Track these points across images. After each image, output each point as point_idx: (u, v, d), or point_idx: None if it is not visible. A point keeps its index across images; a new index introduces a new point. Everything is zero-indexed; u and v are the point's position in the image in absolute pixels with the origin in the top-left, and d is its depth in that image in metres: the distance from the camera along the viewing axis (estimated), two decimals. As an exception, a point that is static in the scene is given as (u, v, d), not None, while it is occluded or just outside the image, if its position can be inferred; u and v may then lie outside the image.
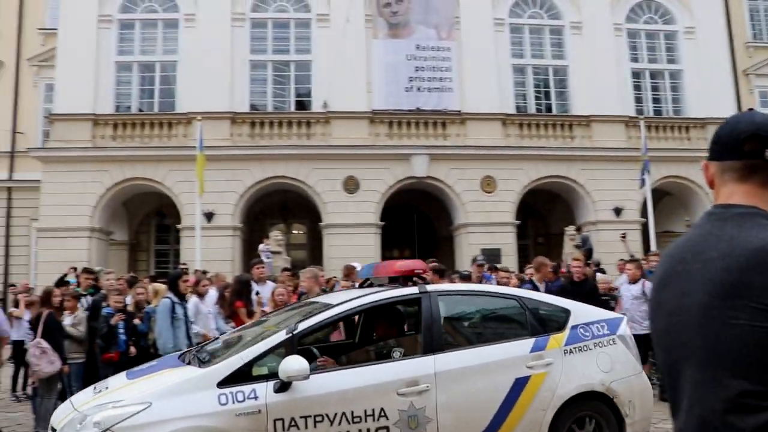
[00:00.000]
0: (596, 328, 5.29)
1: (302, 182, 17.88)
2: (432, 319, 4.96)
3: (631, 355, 5.37)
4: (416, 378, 4.68)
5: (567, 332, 5.20)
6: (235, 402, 4.30)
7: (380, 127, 18.48)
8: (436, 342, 4.92)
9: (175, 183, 17.57)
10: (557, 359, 5.04)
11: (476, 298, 5.79)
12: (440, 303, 5.11)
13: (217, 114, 17.65)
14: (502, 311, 5.64)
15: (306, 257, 20.28)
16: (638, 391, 5.27)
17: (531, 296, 5.64)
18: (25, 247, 20.20)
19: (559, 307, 5.45)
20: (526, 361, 4.98)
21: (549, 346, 5.08)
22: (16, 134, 20.42)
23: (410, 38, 19.18)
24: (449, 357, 4.86)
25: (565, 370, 5.04)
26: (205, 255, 15.26)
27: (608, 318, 5.51)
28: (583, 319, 5.33)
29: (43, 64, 20.65)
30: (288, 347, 4.55)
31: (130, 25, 19.02)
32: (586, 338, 5.20)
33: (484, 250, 17.66)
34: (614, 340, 5.32)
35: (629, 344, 5.40)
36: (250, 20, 18.94)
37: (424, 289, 5.15)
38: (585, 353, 5.15)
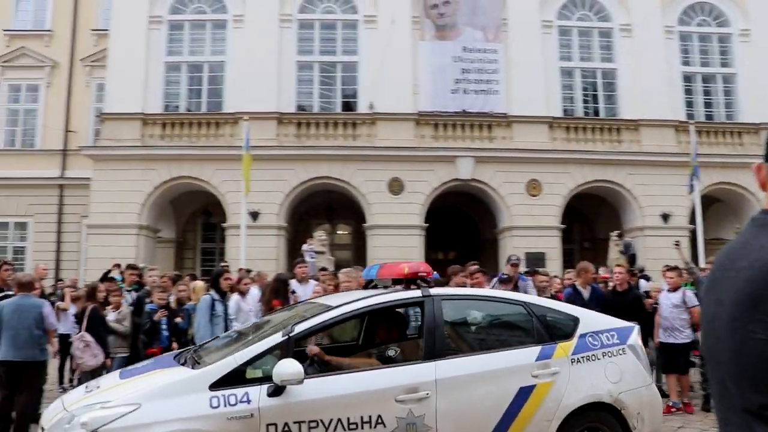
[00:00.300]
0: (606, 337, 5.12)
1: (347, 183, 17.88)
2: (435, 324, 4.80)
3: (641, 366, 5.19)
4: (416, 385, 4.52)
5: (575, 341, 5.02)
6: (227, 405, 4.17)
7: (426, 128, 18.38)
8: (438, 348, 4.76)
9: (221, 182, 17.73)
10: (564, 368, 4.86)
11: (482, 303, 5.59)
12: (444, 307, 4.96)
13: (263, 114, 17.75)
14: (508, 317, 5.48)
15: (350, 258, 20.28)
16: (647, 403, 5.08)
17: (538, 302, 5.46)
18: (76, 243, 20.60)
19: (567, 315, 5.27)
20: (531, 369, 4.81)
21: (556, 354, 4.91)
22: (69, 133, 20.83)
23: (457, 40, 19.04)
24: (451, 364, 4.70)
25: (572, 379, 4.86)
26: (249, 254, 15.34)
27: (619, 327, 5.32)
28: (592, 327, 5.16)
29: (95, 65, 21.07)
30: (284, 350, 4.40)
31: (179, 26, 19.26)
32: (594, 347, 5.03)
33: (528, 254, 17.48)
34: (624, 350, 5.13)
35: (639, 355, 5.22)
36: (298, 21, 19.02)
37: (427, 292, 4.97)
38: (593, 363, 4.98)
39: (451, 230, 20.35)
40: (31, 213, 20.88)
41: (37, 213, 20.83)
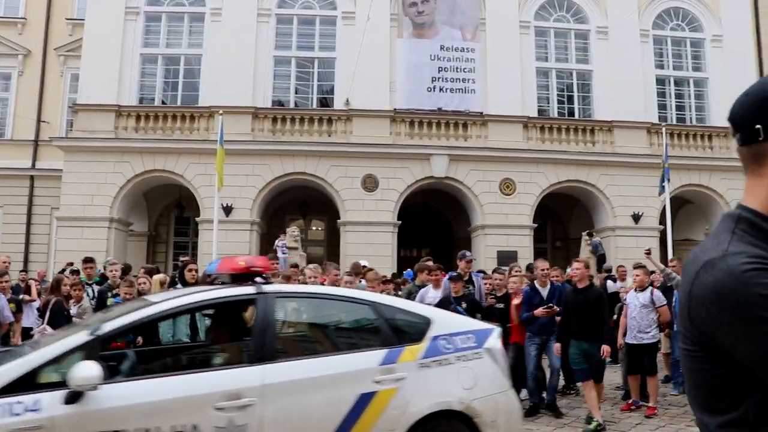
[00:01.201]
0: (461, 340, 4.78)
1: (322, 179, 17.83)
2: (266, 324, 4.38)
3: (499, 371, 4.88)
4: (239, 390, 4.08)
5: (426, 344, 4.67)
6: (11, 415, 3.58)
7: (401, 126, 18.39)
8: (268, 350, 4.32)
9: (195, 176, 17.59)
10: (411, 373, 4.52)
11: (324, 302, 5.16)
12: (279, 306, 4.61)
13: (239, 108, 17.65)
14: (353, 318, 5.10)
15: (324, 254, 20.24)
16: (504, 409, 4.79)
17: (388, 303, 5.05)
18: (46, 235, 20.29)
19: (419, 316, 4.94)
20: (373, 374, 4.43)
21: (402, 358, 4.56)
22: (41, 123, 20.50)
23: (435, 38, 19.07)
24: (282, 367, 4.29)
25: (420, 385, 4.51)
26: (222, 248, 15.21)
27: (477, 329, 5.00)
28: (446, 329, 4.81)
29: (69, 54, 20.74)
30: (90, 350, 3.89)
31: (156, 18, 19.06)
32: (447, 351, 4.68)
33: (500, 252, 17.64)
34: (480, 354, 4.81)
35: (498, 358, 4.91)
36: (276, 16, 18.92)
37: (261, 289, 4.56)
38: (444, 367, 4.64)
39: (425, 228, 20.40)
40: (0, 204, 20.50)
41: (6, 204, 20.46)
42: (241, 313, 5.38)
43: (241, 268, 4.75)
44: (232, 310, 5.26)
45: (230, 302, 4.88)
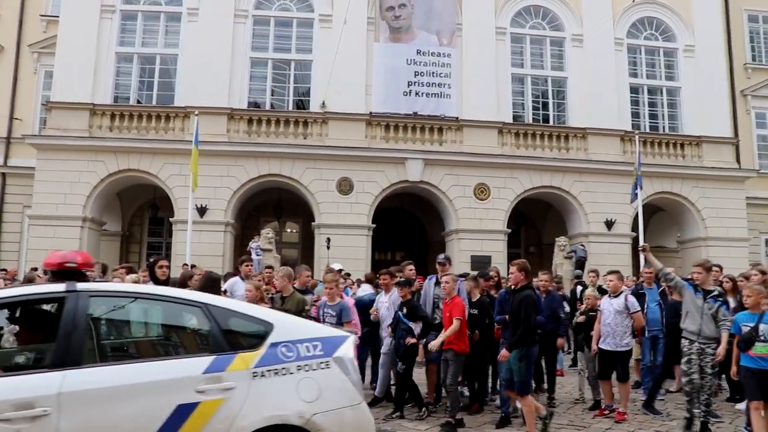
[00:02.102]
0: (305, 348, 4.38)
1: (297, 181, 17.84)
2: (73, 325, 3.93)
3: (349, 382, 4.44)
4: (31, 399, 3.62)
5: (262, 351, 4.26)
6: None
7: (377, 129, 18.44)
8: (73, 354, 3.86)
9: (169, 176, 17.50)
10: (241, 383, 4.11)
11: (147, 302, 4.63)
12: (92, 306, 4.13)
13: (214, 109, 17.59)
14: (180, 321, 4.63)
15: (298, 256, 20.25)
16: (352, 425, 4.39)
17: (223, 305, 4.56)
18: (17, 233, 20.06)
19: (258, 320, 4.49)
20: (196, 383, 4.01)
21: (232, 366, 4.14)
22: (13, 120, 20.24)
23: (411, 43, 19.16)
24: (86, 374, 3.82)
25: (252, 397, 4.10)
26: (196, 249, 15.23)
27: (326, 336, 4.58)
28: (289, 336, 4.41)
29: (43, 51, 20.54)
30: None
31: (132, 17, 18.95)
32: (287, 359, 4.29)
33: (474, 257, 17.74)
34: (328, 364, 4.39)
35: (349, 369, 4.47)
36: (253, 17, 18.90)
37: (73, 286, 4.09)
38: (282, 377, 4.23)
39: (399, 231, 20.47)
40: (-29, 201, 20.22)
41: (-23, 202, 20.18)
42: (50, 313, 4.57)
43: (54, 264, 4.29)
44: (41, 310, 4.58)
45: (35, 301, 4.33)
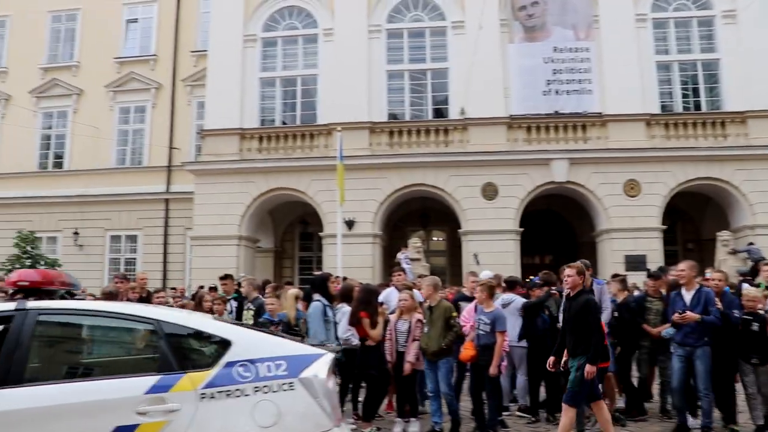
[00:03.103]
0: (266, 367, 3.99)
1: (441, 189, 17.88)
2: (17, 344, 3.84)
3: (317, 407, 3.98)
4: None
5: (215, 370, 3.94)
6: None
7: (518, 132, 18.13)
8: (14, 373, 3.77)
9: (317, 192, 18.11)
10: (187, 405, 3.80)
11: (97, 319, 4.40)
12: (40, 324, 4.00)
13: (356, 124, 18.05)
14: (130, 338, 4.43)
15: (445, 264, 20.29)
16: None
17: (176, 321, 4.28)
18: (181, 254, 21.61)
19: (215, 337, 4.17)
20: (137, 404, 3.76)
21: (177, 387, 3.86)
22: (172, 150, 21.87)
23: (547, 40, 18.71)
24: (23, 393, 3.71)
25: (198, 420, 3.78)
26: (346, 262, 15.59)
27: (295, 354, 4.14)
28: (250, 354, 4.03)
29: (195, 84, 22.09)
30: None
31: (272, 43, 19.85)
32: (243, 380, 3.92)
33: (628, 257, 16.99)
34: (292, 385, 3.97)
35: (317, 391, 3.99)
36: (386, 31, 19.22)
37: (23, 305, 4.03)
38: (235, 399, 3.88)
39: (547, 234, 19.93)
40: (140, 226, 22.11)
41: (145, 226, 22.04)
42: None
43: (10, 283, 4.27)
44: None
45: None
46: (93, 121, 22.52)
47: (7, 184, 23.34)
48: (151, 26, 23.23)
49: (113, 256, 22.50)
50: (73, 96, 23.42)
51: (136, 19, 23.54)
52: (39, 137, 23.68)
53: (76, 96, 23.39)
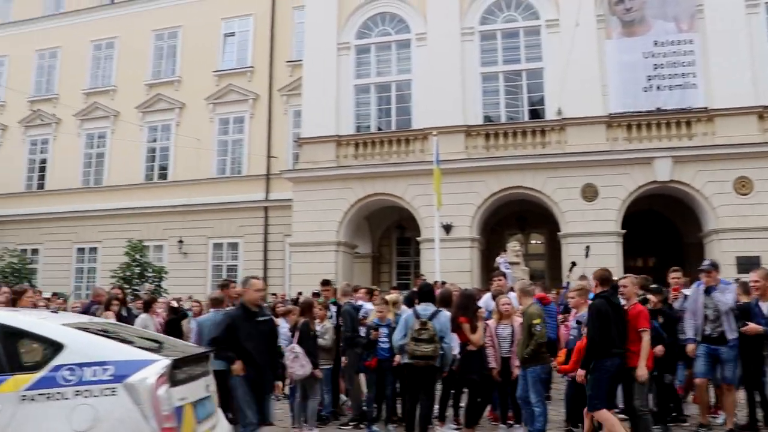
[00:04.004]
0: (92, 371, 4.01)
1: (539, 191, 18.06)
2: None
3: (138, 413, 3.97)
4: None
5: (41, 373, 4.00)
6: None
7: (618, 131, 18.06)
8: None
9: (414, 197, 18.67)
10: (7, 407, 3.90)
11: None
12: None
13: (451, 128, 18.52)
14: None
15: (545, 267, 20.38)
16: None
17: (11, 323, 4.33)
18: (281, 260, 22.71)
19: (48, 340, 4.21)
20: None
21: (1, 388, 3.97)
22: (270, 158, 23.04)
23: (647, 35, 18.53)
24: None
25: (16, 422, 3.87)
26: (443, 267, 16.05)
27: (126, 360, 4.13)
28: (81, 358, 4.06)
29: (291, 93, 23.28)
30: None
31: (366, 50, 20.61)
32: (66, 383, 3.96)
33: (740, 258, 16.53)
34: (114, 390, 3.98)
35: (142, 398, 3.99)
36: (479, 33, 19.59)
37: None
38: (55, 402, 3.92)
39: (650, 235, 19.67)
40: (241, 234, 23.42)
41: (246, 234, 23.34)
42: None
43: None
44: None
45: None
46: (194, 133, 24.07)
47: (117, 196, 25.28)
48: (247, 39, 24.65)
49: (216, 263, 23.93)
50: (176, 109, 25.11)
51: (233, 33, 25.02)
52: (145, 150, 25.53)
53: (178, 109, 25.07)
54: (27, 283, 17.40)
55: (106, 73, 26.89)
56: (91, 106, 26.51)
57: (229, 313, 7.13)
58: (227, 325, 6.54)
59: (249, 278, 6.76)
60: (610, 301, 6.77)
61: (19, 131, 27.91)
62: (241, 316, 6.56)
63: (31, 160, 27.73)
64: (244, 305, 6.65)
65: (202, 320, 8.31)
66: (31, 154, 27.79)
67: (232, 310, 7.05)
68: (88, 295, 20.89)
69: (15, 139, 27.98)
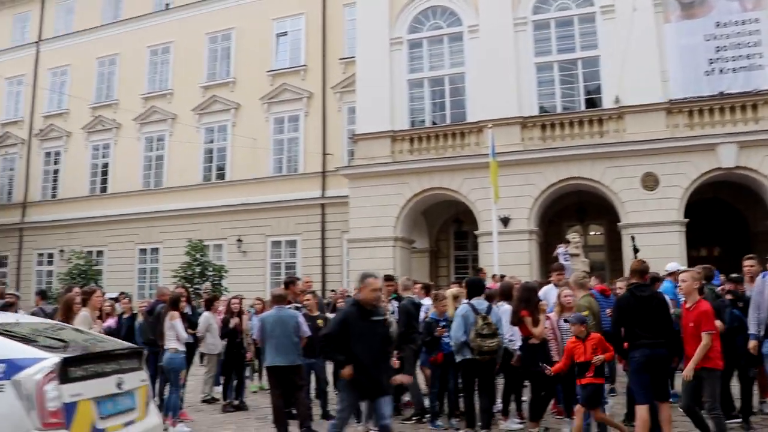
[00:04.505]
0: None
1: (597, 182, 18.07)
2: None
3: (23, 410, 4.10)
4: None
5: None
6: None
7: (678, 117, 17.91)
8: None
9: (470, 191, 18.92)
10: None
11: None
12: None
13: (506, 120, 18.70)
14: None
15: (605, 259, 20.34)
16: None
17: None
18: (338, 257, 23.28)
19: None
20: None
21: None
22: (326, 156, 23.59)
23: (708, 16, 18.27)
24: None
25: None
26: (502, 260, 16.28)
27: (17, 358, 4.27)
28: None
29: (344, 90, 23.80)
30: None
31: (418, 44, 20.91)
32: None
33: (812, 246, 16.19)
34: (3, 387, 4.12)
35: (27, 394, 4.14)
36: (532, 23, 19.66)
37: None
38: None
39: (715, 224, 19.43)
40: (299, 231, 24.09)
41: (303, 231, 24.01)
42: None
43: None
44: None
45: None
46: (250, 132, 24.84)
47: (176, 197, 26.27)
48: (299, 38, 25.28)
49: (274, 260, 24.65)
50: (231, 110, 25.93)
51: (285, 32, 25.70)
52: (202, 151, 26.46)
53: (233, 110, 25.88)
54: (93, 284, 18.31)
55: (162, 77, 27.97)
56: (150, 110, 27.62)
57: (343, 309, 7.18)
58: (340, 320, 6.33)
59: (366, 276, 6.34)
60: (634, 294, 6.83)
61: (82, 137, 29.28)
62: (355, 314, 6.23)
63: (93, 165, 29.07)
64: (359, 303, 6.32)
65: (264, 317, 8.55)
66: (94, 158, 29.14)
67: (347, 307, 6.90)
68: (151, 294, 21.91)
69: (79, 145, 29.37)
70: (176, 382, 8.99)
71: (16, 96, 31.83)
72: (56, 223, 28.84)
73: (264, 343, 8.36)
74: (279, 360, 8.12)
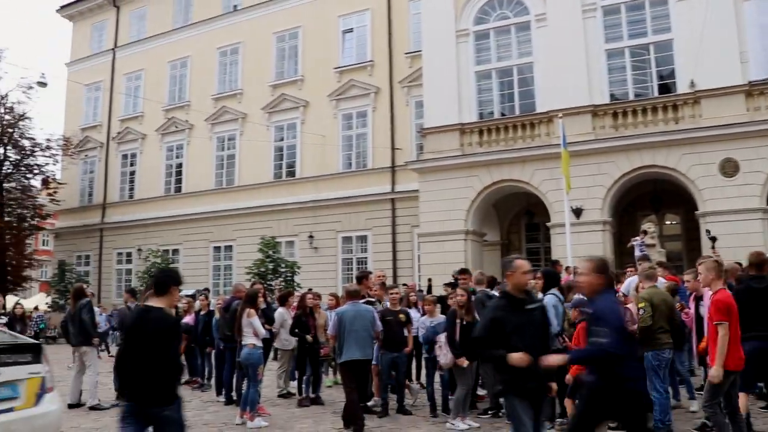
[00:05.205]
0: None
1: (672, 169, 17.98)
2: None
3: None
4: None
5: None
6: None
7: (760, 99, 17.63)
8: None
9: (541, 182, 19.13)
10: None
11: None
12: None
13: (577, 109, 18.81)
14: None
15: (682, 249, 20.17)
16: None
17: None
18: (409, 251, 23.86)
19: None
20: None
21: None
22: (395, 150, 24.20)
23: (792, -10, 17.83)
24: None
25: None
26: (575, 251, 16.31)
27: None
28: None
29: (411, 85, 24.36)
30: None
31: (484, 35, 21.22)
32: None
33: None
34: None
35: None
36: (602, 9, 19.68)
37: None
38: None
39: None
40: (369, 227, 24.77)
41: (374, 226, 24.69)
42: None
43: None
44: None
45: None
46: (319, 129, 25.69)
47: (248, 195, 27.41)
48: (365, 34, 25.97)
49: (345, 256, 25.43)
50: (300, 108, 26.85)
51: (351, 29, 26.45)
52: (273, 149, 27.48)
53: (302, 108, 26.80)
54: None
55: (232, 77, 29.19)
56: (220, 110, 28.87)
57: (491, 306, 5.83)
58: (489, 320, 5.28)
59: (512, 260, 5.48)
60: (750, 286, 6.87)
61: (156, 139, 30.87)
62: (506, 306, 5.25)
63: (168, 166, 30.61)
64: (508, 293, 5.34)
65: (342, 311, 8.81)
66: (168, 159, 30.67)
67: (494, 302, 5.90)
68: (226, 291, 22.99)
69: (154, 147, 30.99)
70: (254, 377, 9.31)
71: (94, 102, 33.84)
72: (134, 222, 30.57)
73: (341, 337, 8.59)
74: (358, 354, 8.46)
